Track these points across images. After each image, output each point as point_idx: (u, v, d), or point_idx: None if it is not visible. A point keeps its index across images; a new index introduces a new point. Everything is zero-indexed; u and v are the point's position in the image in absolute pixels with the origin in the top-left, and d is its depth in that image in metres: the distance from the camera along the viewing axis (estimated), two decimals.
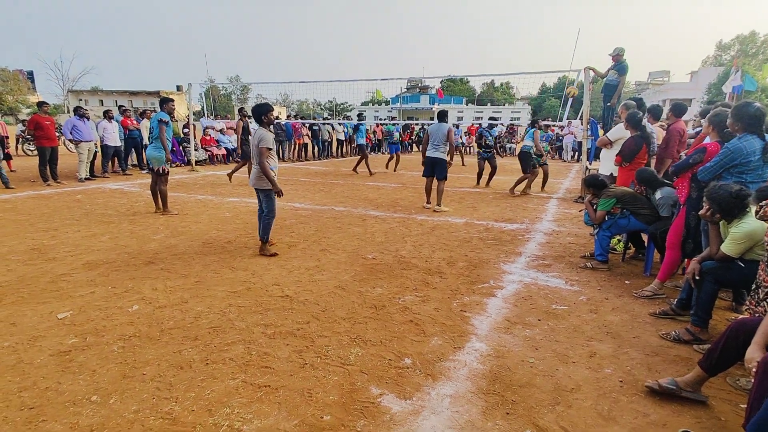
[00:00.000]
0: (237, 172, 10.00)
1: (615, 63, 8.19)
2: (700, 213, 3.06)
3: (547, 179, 9.87)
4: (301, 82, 14.39)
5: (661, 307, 3.44)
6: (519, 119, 41.27)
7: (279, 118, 21.68)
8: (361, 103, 55.75)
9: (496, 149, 19.56)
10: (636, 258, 4.87)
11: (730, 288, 3.51)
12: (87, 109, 10.32)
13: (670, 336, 2.99)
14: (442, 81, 56.41)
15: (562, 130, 19.09)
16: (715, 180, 3.15)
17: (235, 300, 3.49)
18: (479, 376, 2.51)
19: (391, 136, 14.40)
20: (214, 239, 5.29)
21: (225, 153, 14.67)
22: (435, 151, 7.19)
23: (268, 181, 4.49)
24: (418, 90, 64.54)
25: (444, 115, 7.47)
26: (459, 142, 16.53)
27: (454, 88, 66.97)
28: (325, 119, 24.52)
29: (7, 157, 10.21)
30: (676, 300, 3.38)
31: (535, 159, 9.28)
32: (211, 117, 16.34)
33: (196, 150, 13.26)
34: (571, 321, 3.26)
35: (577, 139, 17.58)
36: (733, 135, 3.22)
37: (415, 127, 23.12)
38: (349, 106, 59.47)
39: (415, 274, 4.19)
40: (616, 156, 5.20)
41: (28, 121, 10.44)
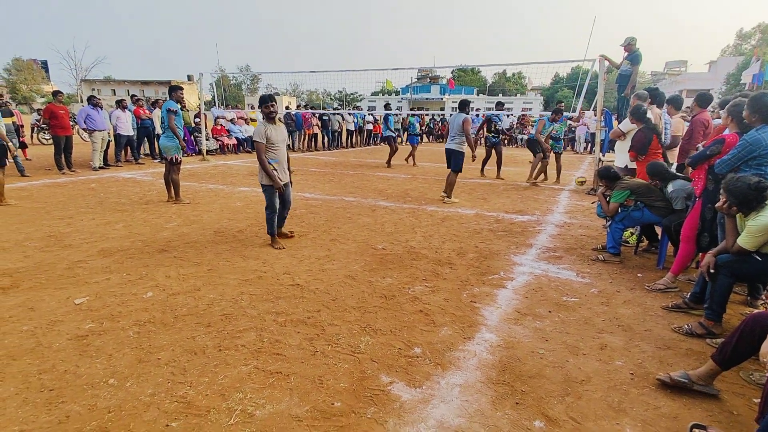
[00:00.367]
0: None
1: (627, 53, 8.02)
2: (717, 205, 3.01)
3: (560, 171, 9.82)
4: (311, 72, 14.31)
5: (674, 301, 3.41)
6: (531, 110, 40.64)
7: (289, 108, 21.77)
8: (371, 93, 55.44)
9: (509, 137, 19.37)
10: (649, 251, 4.81)
11: (745, 282, 3.45)
12: (100, 99, 10.42)
13: (683, 329, 2.97)
14: (453, 71, 55.70)
15: (576, 122, 18.76)
16: (733, 172, 3.09)
17: (247, 288, 3.53)
18: (489, 367, 2.52)
19: (413, 127, 14.12)
20: (226, 228, 5.34)
21: (236, 143, 14.75)
22: (451, 142, 7.13)
23: (267, 175, 4.38)
24: (428, 80, 63.82)
25: (465, 105, 7.16)
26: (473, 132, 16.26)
27: (465, 78, 66.09)
28: (335, 109, 24.43)
29: (23, 146, 10.37)
30: (689, 293, 3.34)
31: (553, 145, 9.35)
32: (221, 107, 16.37)
33: (207, 140, 13.35)
34: (581, 313, 3.25)
35: (590, 131, 17.29)
36: (752, 126, 3.15)
37: (426, 118, 22.97)
38: (359, 96, 59.14)
39: (424, 265, 4.19)
40: (629, 152, 5.15)
41: (43, 110, 10.58)
